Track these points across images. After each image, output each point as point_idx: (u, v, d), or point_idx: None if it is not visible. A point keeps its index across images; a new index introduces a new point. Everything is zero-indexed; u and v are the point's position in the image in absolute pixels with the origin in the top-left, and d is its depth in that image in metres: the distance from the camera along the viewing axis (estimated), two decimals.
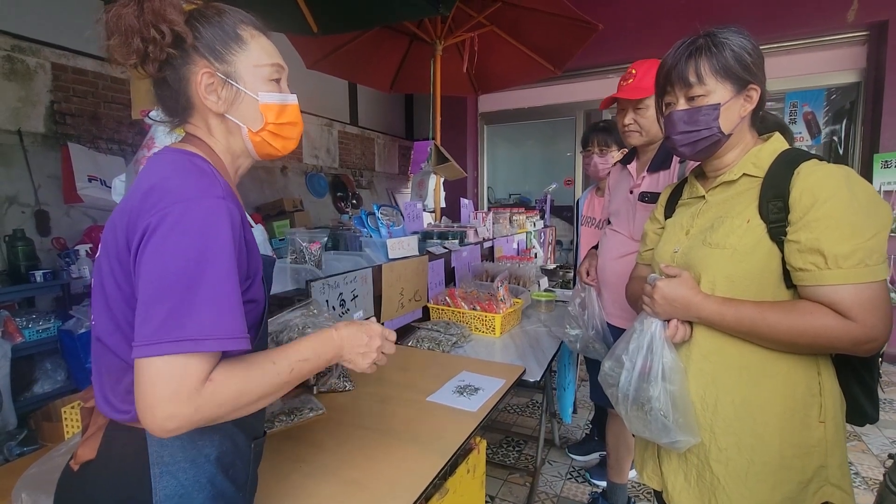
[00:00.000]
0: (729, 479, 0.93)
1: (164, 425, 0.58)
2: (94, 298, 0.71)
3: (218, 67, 0.72)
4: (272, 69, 0.76)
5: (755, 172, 0.95)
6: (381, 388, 1.50)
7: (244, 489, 0.77)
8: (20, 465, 1.17)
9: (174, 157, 0.70)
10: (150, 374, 0.58)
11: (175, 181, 0.65)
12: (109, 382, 0.70)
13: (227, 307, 0.62)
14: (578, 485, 2.28)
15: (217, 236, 0.62)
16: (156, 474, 0.67)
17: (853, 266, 0.80)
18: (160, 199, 0.62)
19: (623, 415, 1.03)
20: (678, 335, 0.97)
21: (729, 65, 0.92)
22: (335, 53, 3.52)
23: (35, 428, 2.17)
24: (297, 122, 0.80)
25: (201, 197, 0.63)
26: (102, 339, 0.69)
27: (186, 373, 0.58)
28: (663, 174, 1.58)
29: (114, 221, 0.67)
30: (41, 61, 2.89)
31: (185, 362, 0.58)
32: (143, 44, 0.67)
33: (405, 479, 1.02)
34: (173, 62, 0.71)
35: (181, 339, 0.58)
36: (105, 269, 0.67)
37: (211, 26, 0.71)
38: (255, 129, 0.75)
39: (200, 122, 0.76)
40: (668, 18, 4.31)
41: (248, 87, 0.74)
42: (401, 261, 2.02)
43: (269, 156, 0.80)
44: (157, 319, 0.58)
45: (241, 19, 0.74)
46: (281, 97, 0.77)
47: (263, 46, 0.76)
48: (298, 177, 4.92)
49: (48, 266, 2.58)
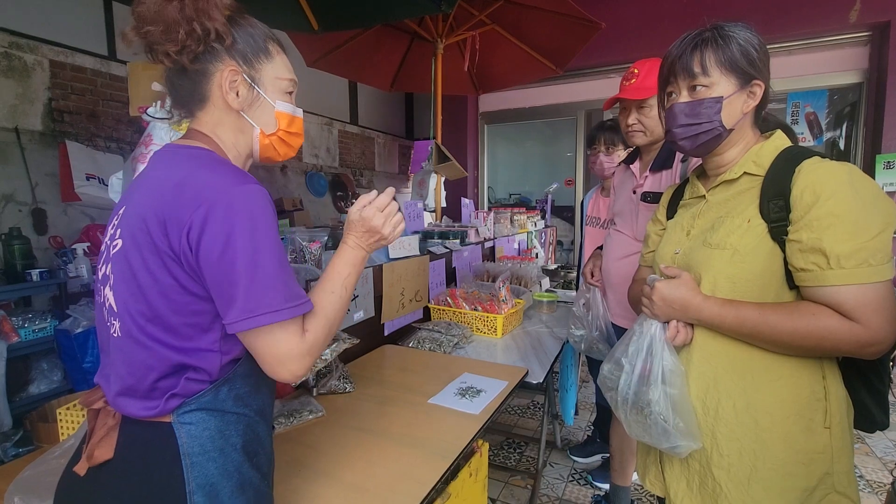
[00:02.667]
0: (731, 485, 0.91)
1: (295, 372, 0.71)
2: (119, 292, 0.71)
3: (245, 70, 0.78)
4: (289, 83, 0.84)
5: (756, 171, 0.93)
6: (381, 389, 1.48)
7: (268, 477, 0.80)
8: (14, 466, 1.16)
9: (191, 151, 0.75)
10: (269, 341, 0.69)
11: (206, 172, 0.70)
12: (135, 377, 0.70)
13: (293, 277, 0.72)
14: (580, 487, 2.27)
15: (268, 216, 0.69)
16: (187, 465, 0.69)
17: (856, 266, 0.78)
18: (198, 191, 0.67)
19: (623, 419, 1.01)
20: (678, 337, 0.95)
21: (734, 58, 0.91)
22: (336, 52, 3.50)
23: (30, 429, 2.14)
24: (301, 134, 0.88)
25: (240, 183, 0.69)
26: (133, 332, 0.70)
27: (293, 333, 0.71)
28: (665, 174, 1.57)
29: (142, 216, 0.69)
30: (39, 58, 2.87)
31: (288, 326, 0.70)
32: (185, 36, 0.71)
33: (406, 484, 1.00)
34: (205, 57, 0.75)
35: (278, 310, 0.68)
36: (136, 263, 0.69)
37: (245, 34, 0.78)
38: (268, 132, 0.82)
39: (211, 118, 0.79)
40: (670, 18, 4.29)
41: (268, 94, 0.81)
42: (402, 260, 2.00)
43: (269, 159, 0.86)
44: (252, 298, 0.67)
45: (268, 34, 0.81)
46: (293, 109, 0.85)
47: (285, 63, 0.83)
48: (298, 176, 4.91)
49: (45, 265, 2.56)
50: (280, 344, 0.69)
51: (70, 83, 3.03)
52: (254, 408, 0.76)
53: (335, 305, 0.78)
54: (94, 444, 0.71)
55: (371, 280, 1.82)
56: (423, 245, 2.35)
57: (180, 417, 0.70)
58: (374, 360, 1.77)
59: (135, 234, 0.69)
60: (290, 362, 0.70)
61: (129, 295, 0.70)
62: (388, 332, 1.99)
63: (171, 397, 0.69)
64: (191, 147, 0.76)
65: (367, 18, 2.87)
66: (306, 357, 0.72)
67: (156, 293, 0.68)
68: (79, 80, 3.08)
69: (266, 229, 0.68)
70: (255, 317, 0.66)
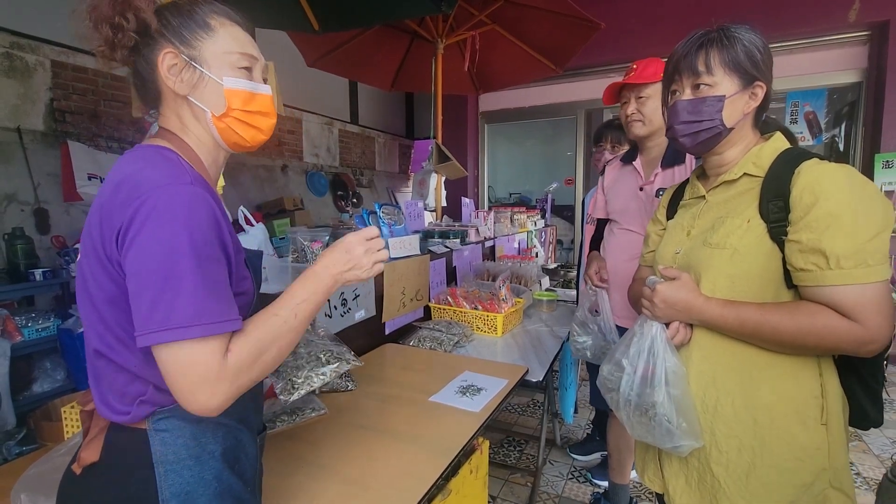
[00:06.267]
0: (730, 481, 0.92)
1: (209, 405, 0.61)
2: (80, 302, 0.70)
3: (182, 50, 0.72)
4: (241, 57, 0.75)
5: (756, 172, 0.94)
6: (383, 388, 1.50)
7: (251, 483, 0.77)
8: (19, 465, 1.17)
9: (142, 151, 0.71)
10: (177, 363, 0.60)
11: (143, 173, 0.65)
12: (105, 385, 0.70)
13: (220, 290, 0.64)
14: (580, 485, 2.28)
15: (195, 220, 0.62)
16: (160, 473, 0.68)
17: (855, 266, 0.79)
18: (130, 192, 0.62)
19: (624, 420, 1.02)
20: (678, 337, 0.96)
21: (739, 58, 0.92)
22: (336, 51, 3.51)
23: (34, 427, 2.16)
24: (269, 112, 0.79)
25: (169, 183, 0.63)
26: (93, 342, 0.69)
27: (208, 354, 0.61)
28: (678, 169, 1.59)
29: (89, 222, 0.67)
30: (40, 58, 2.88)
31: (200, 345, 0.60)
32: (111, 31, 0.68)
33: (407, 480, 1.02)
34: (141, 49, 0.72)
35: (187, 326, 0.59)
36: (87, 272, 0.67)
37: (180, 15, 0.72)
38: (218, 114, 0.74)
39: (171, 112, 0.75)
40: (670, 18, 4.30)
41: (213, 71, 0.73)
42: (402, 260, 2.01)
43: (237, 145, 0.78)
44: (156, 310, 0.59)
45: (213, 10, 0.75)
46: (250, 85, 0.76)
47: (234, 35, 0.75)
48: (299, 175, 4.91)
49: (48, 264, 2.57)
50: (188, 367, 0.60)
51: (71, 83, 3.04)
52: (234, 416, 0.73)
53: (274, 330, 0.68)
54: (84, 446, 0.72)
55: (372, 279, 1.83)
56: (424, 244, 2.36)
57: (155, 424, 0.68)
58: (376, 358, 1.78)
59: (85, 242, 0.67)
60: (201, 389, 0.60)
61: (85, 304, 0.68)
62: (389, 330, 2.01)
63: (140, 403, 0.67)
64: (145, 146, 0.72)
65: (367, 19, 2.88)
66: (221, 383, 0.61)
67: (103, 301, 0.65)
68: (80, 80, 3.08)
69: (188, 234, 0.61)
70: (155, 332, 0.59)
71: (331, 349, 1.41)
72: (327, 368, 1.35)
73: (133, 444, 0.68)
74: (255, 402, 0.82)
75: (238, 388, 0.64)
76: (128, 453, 0.69)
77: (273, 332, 0.68)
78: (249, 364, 0.65)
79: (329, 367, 1.35)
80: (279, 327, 0.69)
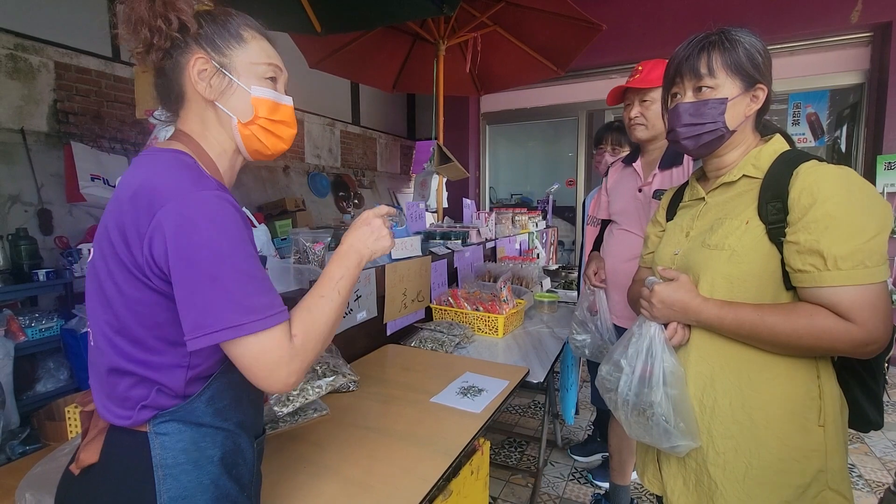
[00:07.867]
0: (727, 483, 0.93)
1: (289, 381, 0.68)
2: (90, 302, 0.71)
3: (214, 57, 0.74)
4: (268, 68, 0.78)
5: (755, 174, 0.94)
6: (384, 388, 1.50)
7: (249, 489, 0.78)
8: (23, 464, 1.17)
9: (160, 155, 0.72)
10: (253, 353, 0.65)
11: (162, 178, 0.66)
12: (106, 387, 0.70)
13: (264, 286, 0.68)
14: (581, 486, 2.28)
15: (226, 222, 0.65)
16: (159, 477, 0.68)
17: (853, 267, 0.80)
18: (151, 199, 0.64)
19: (623, 420, 1.02)
20: (676, 338, 0.97)
21: (740, 61, 0.93)
22: (338, 53, 3.53)
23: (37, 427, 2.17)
24: (291, 123, 0.82)
25: (198, 189, 0.65)
26: (101, 342, 0.69)
27: (275, 341, 0.66)
28: (676, 171, 1.59)
29: (106, 225, 0.68)
30: (44, 60, 2.89)
31: (265, 336, 0.65)
32: (150, 33, 0.70)
33: (409, 481, 1.02)
34: (174, 52, 0.73)
35: (241, 324, 0.63)
36: (103, 273, 0.68)
37: (215, 24, 0.75)
38: (245, 121, 0.77)
39: (194, 115, 0.77)
40: (671, 19, 4.30)
41: (242, 80, 0.76)
42: (404, 261, 2.02)
43: (258, 153, 0.81)
44: (207, 313, 0.63)
45: (246, 23, 0.77)
46: (275, 95, 0.79)
47: (263, 47, 0.78)
48: (300, 176, 4.92)
49: (51, 265, 2.58)
50: (264, 354, 0.65)
51: (75, 84, 3.05)
52: (234, 421, 0.75)
53: (325, 308, 0.74)
54: (83, 447, 0.72)
55: (374, 280, 1.84)
56: (425, 246, 2.36)
57: (156, 428, 0.69)
58: (377, 359, 1.79)
59: (101, 244, 0.68)
60: (279, 370, 0.66)
61: (97, 305, 0.69)
62: (390, 331, 2.01)
63: (142, 408, 0.68)
64: (162, 150, 0.73)
65: (369, 20, 2.89)
66: (295, 361, 0.68)
67: (120, 304, 0.67)
68: (83, 82, 3.10)
69: (222, 237, 0.64)
70: (223, 330, 0.63)
71: (327, 361, 1.42)
72: (323, 381, 1.36)
73: (133, 446, 0.69)
74: (255, 407, 0.83)
75: (309, 364, 0.71)
76: (127, 456, 0.69)
77: (324, 310, 0.74)
78: (314, 341, 0.71)
79: (325, 381, 1.36)
80: (327, 305, 0.75)
